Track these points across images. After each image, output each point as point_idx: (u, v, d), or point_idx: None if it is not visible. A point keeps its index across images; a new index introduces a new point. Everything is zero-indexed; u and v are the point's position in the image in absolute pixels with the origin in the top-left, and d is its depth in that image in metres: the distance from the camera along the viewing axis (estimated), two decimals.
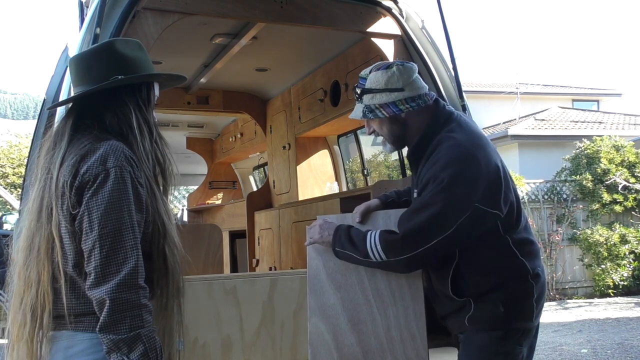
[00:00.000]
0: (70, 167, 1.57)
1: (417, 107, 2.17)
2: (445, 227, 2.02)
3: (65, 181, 1.55)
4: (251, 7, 3.19)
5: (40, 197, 1.62)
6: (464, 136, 2.13)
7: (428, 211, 2.03)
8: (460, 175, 2.02)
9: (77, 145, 1.62)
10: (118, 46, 1.71)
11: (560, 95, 22.85)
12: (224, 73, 4.98)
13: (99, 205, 1.52)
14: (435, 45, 3.45)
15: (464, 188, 2.02)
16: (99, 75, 1.67)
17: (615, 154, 11.96)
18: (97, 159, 1.56)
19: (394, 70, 2.17)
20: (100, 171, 1.54)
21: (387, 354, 2.31)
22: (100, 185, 1.53)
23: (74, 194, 1.55)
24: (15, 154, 12.40)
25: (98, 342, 1.53)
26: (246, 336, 2.96)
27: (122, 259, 1.52)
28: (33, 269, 1.59)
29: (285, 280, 3.13)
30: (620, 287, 11.26)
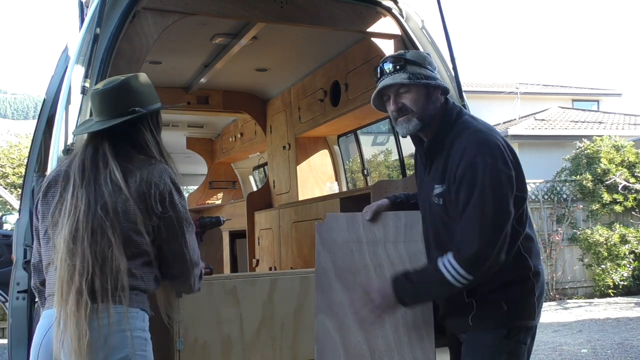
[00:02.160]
0: (143, 182, 2.02)
1: (445, 89, 2.30)
2: (504, 215, 2.04)
3: (145, 191, 2.01)
4: (251, 7, 3.19)
5: (87, 201, 1.97)
6: (480, 124, 2.22)
7: (484, 213, 2.03)
8: (494, 165, 2.06)
9: (138, 166, 2.05)
10: (132, 83, 2.13)
11: (560, 95, 22.85)
12: (224, 73, 4.98)
13: (178, 211, 2.08)
14: (435, 45, 3.45)
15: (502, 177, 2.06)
16: (122, 107, 2.09)
17: (615, 154, 11.97)
18: (167, 175, 2.08)
19: (429, 55, 2.35)
20: (171, 186, 2.07)
21: (395, 354, 2.31)
22: (173, 193, 2.07)
23: (157, 201, 2.02)
24: (15, 154, 12.36)
25: (137, 317, 1.98)
26: (246, 336, 2.96)
27: (194, 241, 2.16)
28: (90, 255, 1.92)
29: (285, 280, 3.13)
30: (620, 287, 11.26)
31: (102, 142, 2.08)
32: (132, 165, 2.05)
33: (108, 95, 2.11)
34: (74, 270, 1.90)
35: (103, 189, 1.97)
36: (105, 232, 1.94)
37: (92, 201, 1.96)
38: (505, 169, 2.07)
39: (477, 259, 2.03)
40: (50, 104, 3.52)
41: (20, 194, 5.85)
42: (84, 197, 1.97)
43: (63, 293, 1.89)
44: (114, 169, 2.01)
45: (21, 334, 3.10)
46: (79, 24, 3.22)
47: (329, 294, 2.37)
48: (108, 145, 2.07)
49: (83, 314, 1.86)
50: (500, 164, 2.07)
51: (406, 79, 2.20)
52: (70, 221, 1.94)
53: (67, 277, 1.90)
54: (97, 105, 2.13)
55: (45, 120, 3.53)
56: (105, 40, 2.68)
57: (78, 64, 2.61)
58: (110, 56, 2.67)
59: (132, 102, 2.11)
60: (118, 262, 1.93)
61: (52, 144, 2.53)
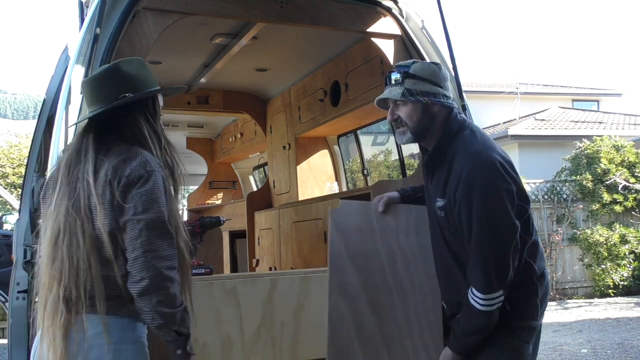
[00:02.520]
0: (112, 171, 1.81)
1: (448, 105, 2.27)
2: (510, 231, 2.06)
3: (111, 181, 1.80)
4: (251, 7, 3.19)
5: (71, 198, 1.82)
6: (478, 142, 2.20)
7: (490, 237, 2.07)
8: (492, 185, 2.07)
9: (114, 154, 1.86)
10: (123, 67, 1.96)
11: (560, 95, 22.85)
12: (224, 73, 4.98)
13: (144, 200, 1.79)
14: (435, 45, 3.45)
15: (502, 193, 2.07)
16: (109, 95, 1.92)
17: (615, 154, 11.96)
18: (138, 163, 1.83)
19: (438, 67, 2.32)
20: (143, 173, 1.82)
21: (406, 340, 2.39)
22: (142, 184, 1.81)
23: (120, 192, 1.79)
24: (15, 154, 12.36)
25: (126, 326, 1.81)
26: (246, 336, 2.96)
27: (167, 244, 1.81)
28: (67, 260, 1.78)
29: (285, 280, 3.13)
30: (620, 287, 11.26)
31: (87, 135, 1.92)
32: (107, 156, 1.86)
33: (96, 82, 1.95)
34: (53, 278, 1.78)
35: (78, 186, 1.82)
36: (77, 235, 1.78)
37: (70, 201, 1.82)
38: (504, 184, 2.08)
39: (497, 280, 2.08)
40: (50, 104, 3.52)
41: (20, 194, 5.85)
42: (66, 197, 1.83)
43: (43, 301, 1.79)
44: (89, 164, 1.84)
45: (21, 334, 3.10)
46: (79, 24, 3.22)
47: (342, 276, 2.42)
48: (92, 138, 1.91)
49: (59, 325, 1.74)
50: (499, 181, 2.08)
51: (399, 95, 2.25)
52: (52, 224, 1.82)
53: (47, 284, 1.79)
54: (87, 95, 1.98)
55: (45, 120, 3.52)
56: (105, 40, 2.68)
57: (78, 64, 2.61)
58: (110, 56, 2.67)
59: (123, 88, 1.92)
60: (92, 268, 1.76)
61: (52, 144, 2.53)
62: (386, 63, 3.65)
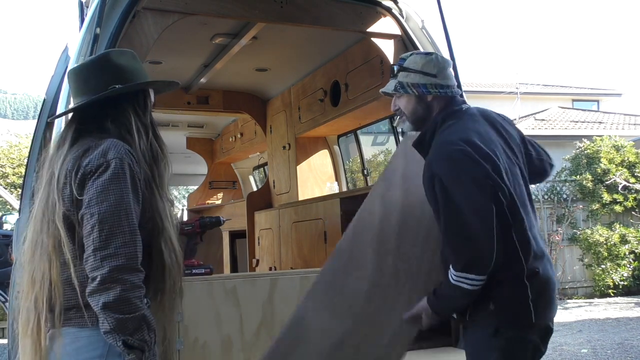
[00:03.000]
0: (72, 161, 1.65)
1: (443, 93, 2.30)
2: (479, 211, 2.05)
3: (69, 171, 1.64)
4: (251, 7, 3.19)
5: (45, 198, 1.69)
6: (452, 133, 2.19)
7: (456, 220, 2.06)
8: (454, 171, 2.09)
9: (80, 144, 1.71)
10: (113, 57, 1.81)
11: (560, 95, 22.84)
12: (224, 73, 4.98)
13: (99, 192, 1.59)
14: (435, 45, 3.45)
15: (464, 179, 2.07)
16: (97, 85, 1.76)
17: (615, 154, 11.96)
18: (98, 152, 1.64)
19: (432, 57, 2.34)
20: (102, 163, 1.62)
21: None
22: (100, 174, 1.61)
23: (77, 185, 1.62)
24: (15, 154, 12.35)
25: (99, 339, 1.58)
26: (246, 336, 2.96)
27: (122, 242, 1.57)
28: (39, 265, 1.65)
29: (285, 280, 3.13)
30: (620, 287, 11.26)
31: (67, 129, 1.78)
32: (76, 146, 1.71)
33: (83, 72, 1.80)
34: (27, 283, 1.67)
35: (50, 186, 1.68)
36: (44, 239, 1.65)
37: (45, 201, 1.68)
38: (469, 170, 2.07)
39: (468, 262, 2.07)
40: (50, 104, 3.52)
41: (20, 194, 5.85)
42: (42, 193, 1.70)
43: (21, 310, 1.68)
44: (61, 155, 1.69)
45: None
46: (79, 24, 3.22)
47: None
48: (72, 131, 1.76)
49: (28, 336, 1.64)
50: (462, 168, 2.08)
51: (392, 88, 2.34)
52: (31, 226, 1.71)
53: (24, 292, 1.68)
54: (73, 86, 1.81)
55: (45, 120, 3.53)
56: (105, 40, 2.68)
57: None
58: None
59: (112, 79, 1.76)
60: (53, 274, 1.62)
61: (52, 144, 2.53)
62: (386, 63, 3.65)
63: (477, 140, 2.15)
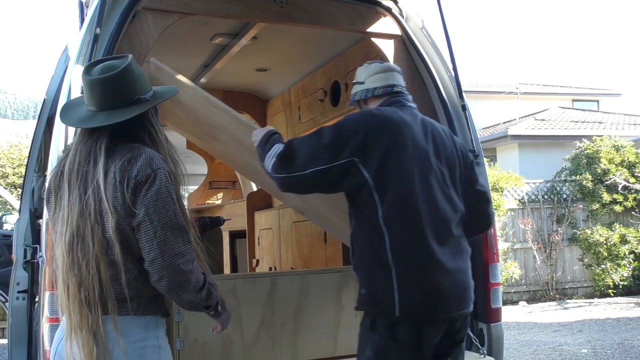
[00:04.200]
0: (119, 172, 1.81)
1: (370, 94, 2.49)
2: (321, 158, 2.18)
3: (119, 182, 1.80)
4: (251, 7, 3.19)
5: (82, 208, 1.82)
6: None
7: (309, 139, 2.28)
8: (345, 118, 2.30)
9: (118, 155, 1.85)
10: (134, 67, 1.92)
11: (560, 95, 22.84)
12: (224, 73, 4.98)
13: (154, 200, 1.80)
14: (435, 45, 3.45)
15: (340, 126, 2.26)
16: (127, 97, 1.89)
17: (615, 154, 11.96)
18: (143, 163, 1.82)
19: (363, 67, 2.57)
20: (149, 173, 1.81)
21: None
22: (151, 183, 1.81)
23: (130, 194, 1.79)
24: (15, 154, 12.33)
25: (148, 324, 1.86)
26: (246, 336, 2.96)
27: (181, 241, 1.83)
28: (84, 266, 1.79)
29: (285, 280, 3.13)
30: (620, 287, 11.26)
31: (101, 137, 1.88)
32: (115, 154, 1.85)
33: (111, 84, 1.88)
34: (73, 283, 1.79)
35: (89, 191, 1.81)
36: (88, 239, 1.79)
37: (81, 205, 1.81)
38: (343, 131, 2.22)
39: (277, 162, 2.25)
40: (50, 104, 3.52)
41: (20, 194, 5.85)
42: (77, 201, 1.82)
43: (66, 306, 1.81)
44: (99, 167, 1.82)
45: (21, 334, 3.10)
46: (79, 24, 3.22)
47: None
48: (107, 139, 1.87)
49: (85, 329, 1.77)
50: (346, 127, 2.25)
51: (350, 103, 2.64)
52: (66, 229, 1.82)
53: (67, 289, 1.80)
54: (98, 95, 1.88)
55: (45, 120, 3.53)
56: (105, 40, 2.68)
57: (78, 64, 2.61)
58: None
59: (137, 90, 1.90)
60: (102, 272, 1.78)
61: (52, 144, 2.53)
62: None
63: (379, 119, 2.27)
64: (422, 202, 2.17)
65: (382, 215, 2.14)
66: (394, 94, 2.46)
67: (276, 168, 2.24)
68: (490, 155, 16.15)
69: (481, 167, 3.24)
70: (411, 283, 2.12)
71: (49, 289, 2.32)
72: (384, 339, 2.13)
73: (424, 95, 3.41)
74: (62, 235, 1.83)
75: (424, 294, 2.13)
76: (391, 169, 2.17)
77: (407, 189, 2.17)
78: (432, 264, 2.14)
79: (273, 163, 2.25)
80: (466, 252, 2.31)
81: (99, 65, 1.94)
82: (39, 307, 2.50)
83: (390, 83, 2.48)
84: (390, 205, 2.15)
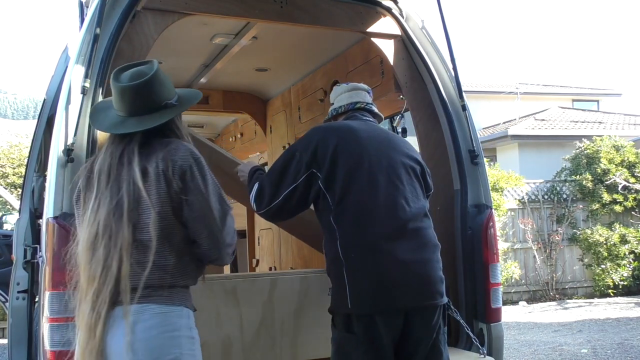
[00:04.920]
0: (162, 162, 1.92)
1: (335, 113, 2.71)
2: (286, 181, 2.39)
3: (164, 170, 1.90)
4: (251, 7, 3.19)
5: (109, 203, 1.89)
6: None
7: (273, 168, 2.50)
8: (297, 145, 2.48)
9: (152, 153, 1.96)
10: (160, 75, 2.04)
11: (560, 95, 22.85)
12: (224, 73, 4.98)
13: (204, 186, 1.94)
14: (435, 45, 3.44)
15: (294, 148, 2.46)
16: (158, 101, 2.01)
17: (615, 154, 11.96)
18: (184, 152, 1.96)
19: (335, 88, 2.81)
20: (192, 162, 1.95)
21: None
22: (196, 169, 1.95)
23: (178, 180, 1.91)
24: (15, 154, 12.32)
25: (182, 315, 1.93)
26: (246, 336, 2.96)
27: (229, 221, 2.02)
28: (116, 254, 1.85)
29: (285, 280, 3.13)
30: (620, 287, 11.26)
31: (133, 140, 1.99)
32: (150, 151, 1.96)
33: (141, 90, 1.98)
34: (93, 277, 1.85)
35: (122, 189, 1.90)
36: (118, 234, 1.86)
37: (112, 204, 1.89)
38: (300, 151, 2.41)
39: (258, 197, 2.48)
40: (50, 104, 3.52)
41: (20, 194, 5.85)
42: (107, 200, 1.90)
43: (88, 298, 1.85)
44: (134, 166, 1.92)
45: (21, 334, 3.10)
46: (79, 24, 3.22)
47: None
48: (139, 142, 1.98)
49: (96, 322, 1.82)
50: (297, 147, 2.45)
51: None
52: (89, 229, 1.89)
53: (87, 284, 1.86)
54: (128, 101, 1.99)
55: (45, 120, 3.53)
56: (105, 40, 2.68)
57: (78, 64, 2.61)
58: (110, 56, 2.67)
59: (164, 96, 2.03)
60: (141, 262, 1.86)
61: (52, 144, 2.53)
62: (386, 63, 3.65)
63: (325, 129, 2.50)
64: (369, 200, 2.30)
65: (333, 215, 2.29)
66: (355, 110, 2.67)
67: (257, 205, 2.48)
68: (490, 155, 16.16)
69: (481, 167, 3.25)
70: (360, 276, 2.21)
71: (49, 289, 2.32)
72: (342, 333, 2.23)
73: (424, 95, 3.41)
74: (89, 233, 1.88)
75: (373, 284, 2.21)
76: (338, 171, 2.32)
77: (353, 188, 2.30)
78: (379, 256, 2.23)
79: (254, 201, 2.49)
80: (432, 246, 2.37)
81: (127, 72, 2.03)
82: (39, 307, 2.50)
83: (352, 101, 2.69)
84: (338, 204, 2.29)
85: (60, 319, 2.27)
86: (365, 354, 2.19)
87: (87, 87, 2.55)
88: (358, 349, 2.19)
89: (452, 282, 3.00)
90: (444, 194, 3.24)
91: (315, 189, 2.35)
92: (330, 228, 2.31)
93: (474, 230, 3.10)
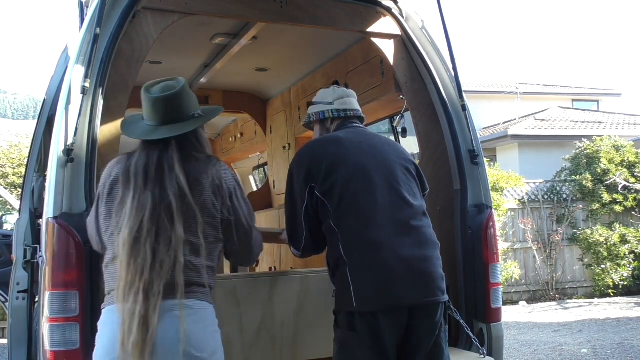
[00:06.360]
0: (217, 179, 2.16)
1: (337, 115, 2.70)
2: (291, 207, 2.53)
3: (219, 187, 2.15)
4: (251, 7, 3.19)
5: (150, 203, 2.04)
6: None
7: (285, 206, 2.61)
8: (291, 166, 2.55)
9: (193, 162, 2.16)
10: (188, 88, 2.27)
11: (560, 95, 22.86)
12: (224, 73, 4.98)
13: (243, 205, 2.24)
14: (435, 45, 3.44)
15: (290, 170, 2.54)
16: (187, 112, 2.23)
17: (615, 154, 11.96)
18: (224, 169, 2.22)
19: (330, 89, 2.79)
20: (235, 182, 2.23)
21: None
22: (237, 186, 2.23)
23: (227, 199, 2.16)
24: (15, 154, 12.32)
25: (213, 312, 2.12)
26: (246, 336, 2.96)
27: (257, 233, 2.36)
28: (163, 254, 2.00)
29: (285, 280, 3.13)
30: (620, 287, 11.26)
31: (168, 146, 2.16)
32: (199, 164, 2.16)
33: (173, 100, 2.20)
34: (136, 272, 1.96)
35: (168, 192, 2.05)
36: (164, 233, 2.01)
37: (157, 204, 2.03)
38: (295, 172, 2.52)
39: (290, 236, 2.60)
40: (50, 104, 3.52)
41: (20, 194, 5.85)
42: (150, 199, 2.03)
43: (142, 288, 1.94)
44: (179, 173, 2.09)
45: (21, 334, 3.10)
46: (79, 24, 3.22)
47: None
48: (176, 149, 2.15)
49: (151, 312, 1.92)
50: (292, 169, 2.54)
51: (304, 122, 2.84)
52: (131, 224, 2.00)
53: (130, 278, 1.95)
54: (161, 110, 2.18)
55: (45, 120, 3.53)
56: (105, 40, 2.68)
57: (78, 64, 2.61)
58: (110, 56, 2.67)
59: (192, 107, 2.25)
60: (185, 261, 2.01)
61: (52, 144, 2.53)
62: (386, 63, 3.65)
63: (313, 146, 2.58)
64: (368, 201, 2.36)
65: (333, 218, 2.35)
66: (347, 118, 2.72)
67: (295, 250, 2.62)
68: (490, 155, 16.16)
69: (481, 167, 3.25)
70: (363, 273, 2.26)
71: (49, 288, 2.32)
72: (345, 332, 2.25)
73: (424, 95, 3.41)
74: (130, 228, 2.00)
75: (376, 281, 2.24)
76: (334, 179, 2.39)
77: (350, 192, 2.37)
78: (382, 253, 2.28)
79: (292, 247, 2.63)
80: (432, 243, 2.42)
81: (157, 86, 2.23)
82: (39, 307, 2.50)
83: (344, 108, 2.75)
84: (338, 208, 2.35)
85: (60, 319, 2.28)
86: (368, 352, 2.21)
87: (87, 87, 2.55)
88: (361, 347, 2.21)
89: (452, 282, 3.00)
90: (444, 194, 3.24)
91: (314, 199, 2.43)
92: (332, 231, 2.36)
93: (474, 230, 3.10)
